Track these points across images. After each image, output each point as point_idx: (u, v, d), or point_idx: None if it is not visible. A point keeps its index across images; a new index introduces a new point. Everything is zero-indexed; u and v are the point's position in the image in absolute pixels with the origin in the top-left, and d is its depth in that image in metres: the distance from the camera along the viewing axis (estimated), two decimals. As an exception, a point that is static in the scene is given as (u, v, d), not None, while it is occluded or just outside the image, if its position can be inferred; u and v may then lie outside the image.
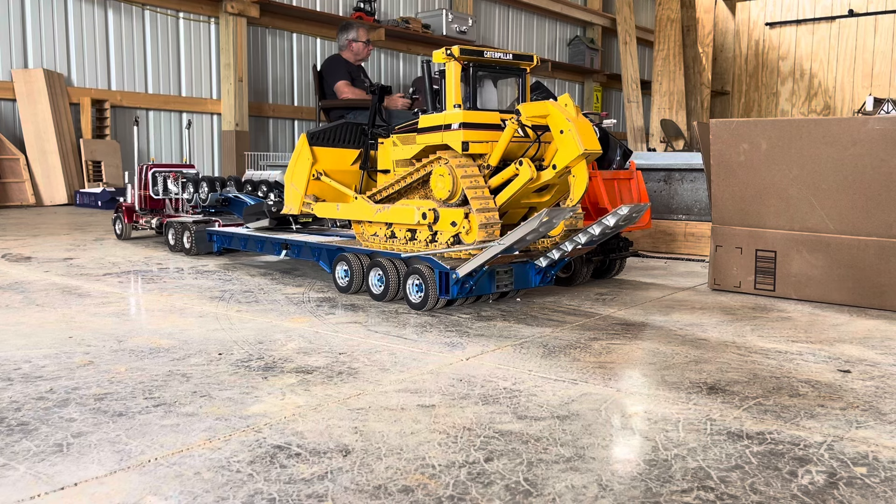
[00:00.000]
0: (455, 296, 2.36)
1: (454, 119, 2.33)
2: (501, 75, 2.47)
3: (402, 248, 2.55)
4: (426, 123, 2.44)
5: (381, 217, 2.59)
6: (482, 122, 2.35)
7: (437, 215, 2.40)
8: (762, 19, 12.79)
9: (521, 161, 2.27)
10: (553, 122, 2.24)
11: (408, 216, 2.48)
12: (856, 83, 12.02)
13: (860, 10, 11.92)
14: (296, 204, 2.85)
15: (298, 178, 2.84)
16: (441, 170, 2.36)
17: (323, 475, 1.16)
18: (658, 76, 10.11)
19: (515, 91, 2.51)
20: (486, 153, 2.36)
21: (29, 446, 1.25)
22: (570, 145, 2.20)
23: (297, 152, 2.83)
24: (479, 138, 2.33)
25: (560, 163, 2.25)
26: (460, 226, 2.33)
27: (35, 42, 6.74)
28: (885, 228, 2.59)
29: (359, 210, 2.68)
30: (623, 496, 1.11)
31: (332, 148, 2.84)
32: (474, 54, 2.35)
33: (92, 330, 2.07)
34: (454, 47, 2.32)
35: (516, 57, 2.43)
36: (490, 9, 11.40)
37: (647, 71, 13.27)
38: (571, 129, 2.19)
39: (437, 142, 2.39)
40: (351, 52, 7.13)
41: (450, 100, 2.36)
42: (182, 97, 7.74)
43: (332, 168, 2.84)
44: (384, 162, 2.70)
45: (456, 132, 2.31)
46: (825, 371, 1.83)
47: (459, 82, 2.35)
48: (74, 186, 6.76)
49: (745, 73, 13.00)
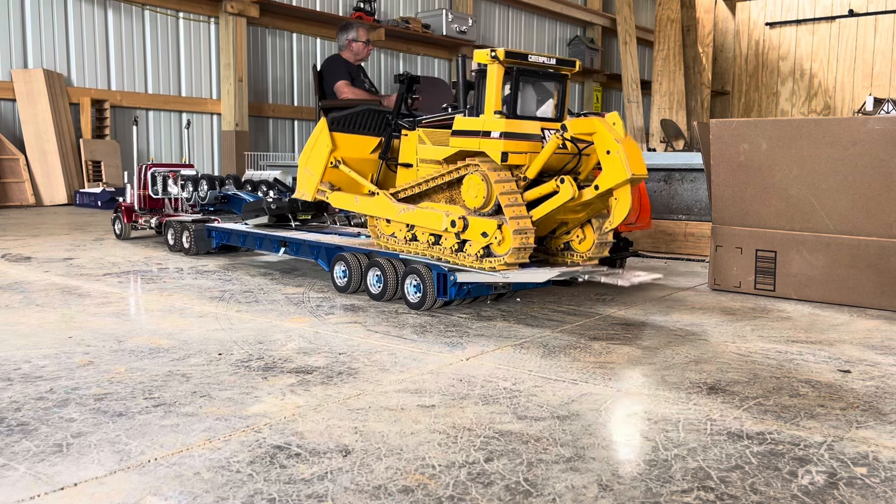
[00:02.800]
0: (453, 297, 2.36)
1: (494, 127, 2.21)
2: (542, 81, 2.33)
3: (425, 253, 2.44)
4: (462, 126, 2.31)
5: (405, 218, 2.48)
6: (523, 133, 2.23)
7: (466, 224, 2.28)
8: (762, 19, 12.79)
9: (562, 178, 2.15)
10: (600, 141, 2.13)
11: (434, 221, 2.37)
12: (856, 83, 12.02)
13: (860, 10, 11.92)
14: (310, 190, 2.73)
15: (315, 163, 2.70)
16: (475, 178, 2.24)
17: (323, 475, 1.16)
18: (658, 76, 10.11)
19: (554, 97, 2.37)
20: (524, 164, 2.24)
21: (29, 446, 1.25)
22: (617, 168, 2.09)
23: (315, 136, 2.69)
24: (518, 149, 2.22)
25: (604, 184, 2.13)
26: (492, 237, 2.21)
27: (35, 42, 6.74)
28: (885, 228, 2.59)
29: (380, 206, 2.56)
30: (623, 496, 1.11)
31: (352, 134, 2.71)
32: (518, 58, 2.22)
33: (92, 330, 2.07)
34: (499, 49, 2.20)
35: (559, 62, 2.31)
36: (490, 9, 11.40)
37: (647, 71, 13.27)
38: (620, 150, 2.08)
39: (473, 147, 2.26)
40: (351, 52, 7.12)
41: (489, 104, 2.23)
42: (182, 97, 7.74)
43: (351, 155, 2.70)
44: (407, 155, 2.57)
45: (495, 141, 2.19)
46: (825, 371, 1.83)
47: (501, 86, 2.23)
48: (74, 186, 6.76)
49: (745, 73, 13.00)
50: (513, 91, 2.23)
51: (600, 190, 2.14)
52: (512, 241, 2.15)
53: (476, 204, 2.25)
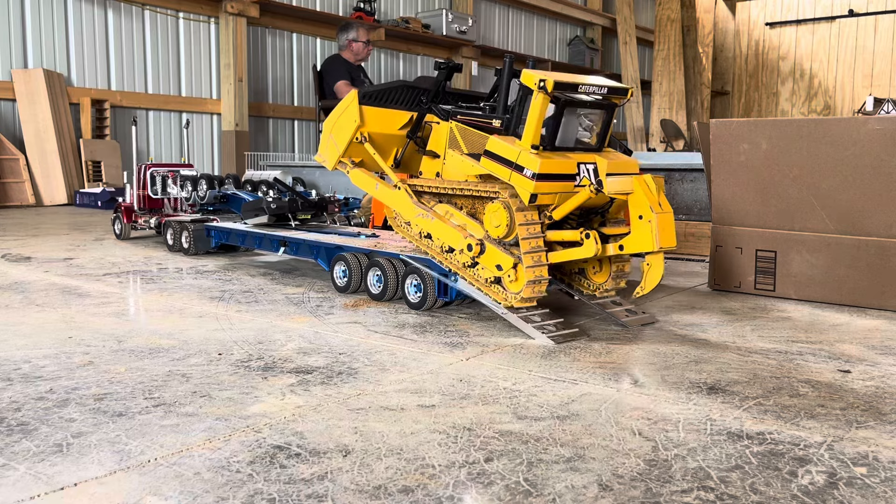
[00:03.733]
0: (454, 297, 2.36)
1: (529, 164, 2.05)
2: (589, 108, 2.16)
3: (436, 256, 2.36)
4: (495, 149, 2.15)
5: (422, 224, 2.38)
6: (557, 173, 2.08)
7: (483, 250, 2.18)
8: (762, 19, 12.80)
9: (587, 234, 2.06)
10: (635, 203, 2.04)
11: (452, 238, 2.27)
12: (856, 83, 12.02)
13: (860, 10, 11.92)
14: (331, 160, 2.63)
15: (340, 134, 2.58)
16: (499, 206, 2.12)
17: (323, 475, 1.16)
18: (658, 76, 10.11)
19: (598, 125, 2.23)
20: (550, 203, 2.12)
21: (29, 446, 1.25)
22: (645, 238, 2.02)
23: (343, 106, 2.55)
24: (549, 190, 2.08)
25: (630, 248, 2.06)
26: (505, 273, 2.13)
27: (35, 42, 6.74)
28: (885, 228, 2.59)
29: (399, 202, 2.46)
30: (623, 496, 1.11)
31: (382, 108, 2.57)
32: (568, 88, 2.05)
33: (92, 330, 2.07)
34: (549, 79, 2.01)
35: (611, 91, 2.15)
36: (490, 9, 11.40)
37: (647, 71, 13.27)
38: (653, 220, 2.00)
39: (502, 177, 2.12)
40: (351, 52, 7.13)
41: (528, 135, 2.07)
42: (182, 97, 7.74)
43: (378, 130, 2.56)
44: (436, 145, 2.43)
45: (527, 181, 2.05)
46: (825, 371, 1.83)
47: (543, 118, 2.07)
48: (74, 186, 6.76)
49: (745, 73, 13.01)
50: (555, 120, 2.09)
51: (625, 252, 2.08)
52: (525, 278, 2.07)
53: (498, 233, 2.14)
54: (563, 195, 2.12)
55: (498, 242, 2.17)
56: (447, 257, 2.32)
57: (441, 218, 2.33)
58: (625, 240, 2.08)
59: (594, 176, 2.11)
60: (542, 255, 2.08)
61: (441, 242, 2.32)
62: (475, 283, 2.23)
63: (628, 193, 2.04)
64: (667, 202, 2.06)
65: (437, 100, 2.53)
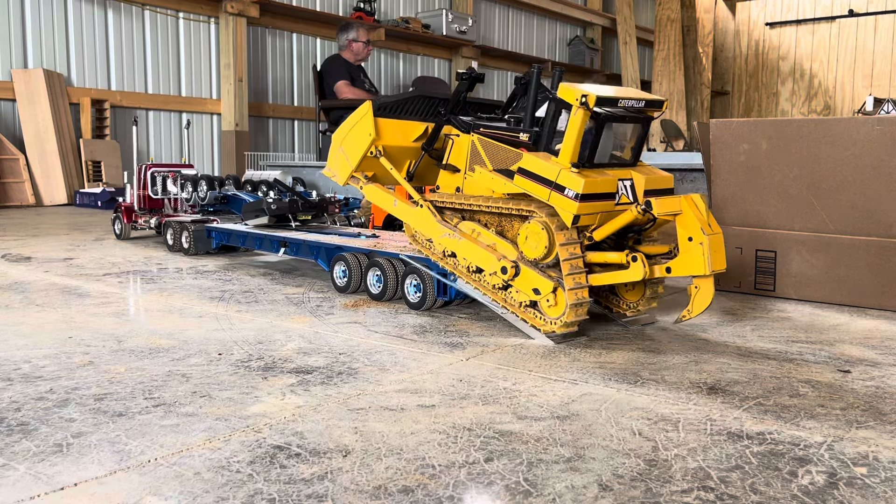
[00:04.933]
0: (453, 297, 2.36)
1: (571, 184, 1.94)
2: (625, 123, 2.09)
3: (462, 276, 2.24)
4: (531, 167, 2.03)
5: (448, 244, 2.25)
6: (600, 193, 1.98)
7: (517, 272, 2.07)
8: (762, 19, 12.80)
9: (634, 256, 1.96)
10: (683, 225, 1.94)
11: (484, 260, 2.14)
12: (856, 83, 12.03)
13: (860, 10, 11.92)
14: (342, 175, 2.47)
15: (352, 147, 2.42)
16: (536, 227, 2.01)
17: (323, 475, 1.16)
18: (658, 76, 10.11)
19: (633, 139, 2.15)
20: (590, 224, 2.01)
21: (29, 446, 1.25)
22: (696, 261, 1.92)
23: (356, 117, 2.42)
24: (592, 210, 1.97)
25: (678, 271, 1.96)
26: (544, 297, 2.01)
27: (35, 42, 6.74)
28: (885, 228, 2.59)
29: (422, 221, 2.32)
30: (623, 496, 1.11)
31: (396, 119, 2.45)
32: (609, 103, 1.97)
33: (92, 330, 2.07)
34: (591, 95, 1.90)
35: (648, 104, 2.06)
36: (490, 9, 11.40)
37: (647, 71, 13.27)
38: (704, 243, 1.90)
39: (540, 196, 2.00)
40: (351, 52, 7.13)
41: (566, 152, 1.97)
42: (182, 97, 7.74)
43: (392, 143, 2.43)
44: (457, 158, 2.30)
45: (569, 202, 1.94)
46: (825, 371, 1.83)
47: (582, 134, 1.98)
48: (74, 186, 6.76)
49: (745, 73, 13.01)
50: (594, 136, 1.99)
51: (672, 274, 1.98)
52: (566, 301, 1.96)
53: (535, 255, 2.03)
54: (604, 215, 2.02)
55: (534, 264, 2.06)
56: (475, 278, 2.21)
57: (469, 237, 2.21)
58: (673, 262, 1.97)
59: (631, 193, 2.05)
60: (583, 277, 1.97)
61: (468, 263, 2.21)
62: (509, 307, 2.12)
63: (677, 214, 1.95)
64: (716, 222, 1.98)
65: (457, 111, 2.41)
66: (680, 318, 2.08)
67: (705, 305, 2.00)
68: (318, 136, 7.18)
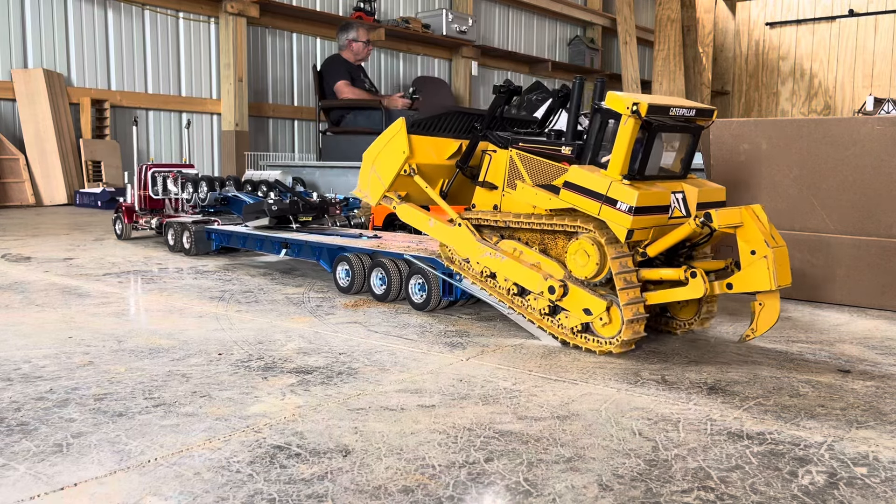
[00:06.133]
0: (459, 297, 2.35)
1: (623, 197, 1.84)
2: (675, 132, 2.01)
3: (503, 298, 2.15)
4: (578, 180, 1.93)
5: (489, 263, 2.16)
6: (654, 206, 1.89)
7: (566, 292, 1.97)
8: (762, 19, 12.80)
9: (693, 272, 1.86)
10: (745, 237, 1.85)
11: (529, 280, 2.06)
12: (856, 83, 12.02)
13: (860, 10, 11.92)
14: (375, 195, 2.39)
15: (385, 166, 2.34)
16: (586, 244, 1.92)
17: (323, 475, 1.16)
18: (658, 76, 10.11)
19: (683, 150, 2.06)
20: (643, 239, 1.92)
21: (29, 446, 1.25)
22: (761, 275, 1.82)
23: (388, 135, 2.35)
24: (645, 224, 1.88)
25: (741, 287, 1.86)
26: (596, 317, 1.92)
27: (35, 42, 6.74)
28: (885, 228, 2.59)
29: (460, 240, 2.24)
30: (623, 496, 1.11)
31: (430, 136, 2.38)
32: (660, 111, 1.88)
33: (92, 330, 2.07)
34: (642, 102, 1.83)
35: (699, 113, 1.98)
36: (490, 9, 11.39)
37: (647, 71, 13.27)
38: (769, 256, 1.81)
39: (590, 211, 1.92)
40: (351, 52, 7.13)
41: (616, 164, 1.88)
42: (182, 97, 7.74)
43: (425, 161, 2.35)
44: (494, 175, 2.21)
45: (622, 215, 1.84)
46: (825, 371, 1.83)
47: (633, 145, 1.89)
48: (74, 186, 6.76)
49: (745, 73, 13.01)
50: (644, 148, 1.90)
51: (733, 291, 1.88)
52: (622, 320, 1.87)
53: (585, 273, 1.93)
54: (658, 230, 1.93)
55: (583, 283, 1.96)
56: (518, 302, 2.11)
57: (511, 256, 2.12)
58: (734, 277, 1.87)
59: (684, 206, 1.97)
60: (638, 292, 1.88)
61: (509, 285, 2.12)
62: (558, 334, 2.02)
63: (737, 226, 1.85)
64: (778, 234, 1.90)
65: (493, 126, 2.34)
66: (743, 338, 1.96)
67: (771, 323, 1.90)
68: (318, 136, 7.18)
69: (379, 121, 6.52)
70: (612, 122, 1.92)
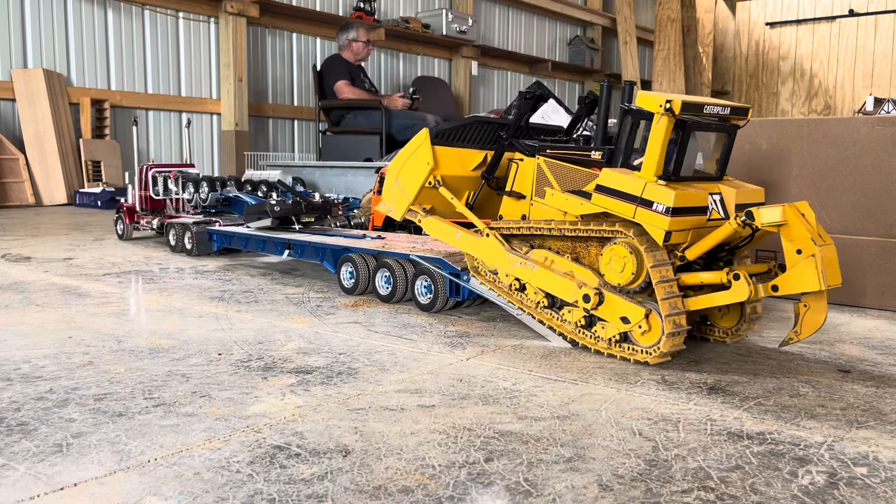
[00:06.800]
0: (466, 297, 2.35)
1: (660, 197, 1.78)
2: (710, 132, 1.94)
3: (533, 311, 2.09)
4: (611, 183, 1.87)
5: (519, 273, 2.09)
6: (692, 206, 1.82)
7: (602, 299, 1.90)
8: (762, 19, 12.79)
9: (736, 274, 1.78)
10: (790, 236, 1.75)
11: (562, 289, 1.98)
12: (856, 83, 12.02)
13: (860, 10, 11.92)
14: (399, 209, 2.35)
15: (409, 179, 2.31)
16: (621, 250, 1.85)
17: (323, 475, 1.16)
18: (658, 76, 10.10)
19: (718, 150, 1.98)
20: (682, 242, 1.85)
21: (28, 446, 1.25)
22: (809, 276, 1.74)
23: (412, 147, 2.31)
24: (683, 226, 1.81)
25: (787, 288, 1.78)
26: (635, 325, 1.84)
27: (35, 42, 6.74)
28: (886, 228, 2.59)
29: (488, 251, 2.17)
30: (623, 496, 1.11)
31: (454, 148, 2.34)
32: (694, 109, 1.81)
33: (92, 330, 2.07)
34: (675, 100, 1.77)
35: (733, 111, 1.91)
36: (490, 9, 11.39)
37: (647, 71, 13.27)
38: (817, 255, 1.72)
39: (624, 214, 1.85)
40: (351, 52, 7.13)
41: (650, 164, 1.82)
42: (182, 97, 7.74)
43: (450, 173, 2.32)
44: (522, 184, 2.16)
45: (659, 217, 1.77)
46: (825, 371, 1.83)
47: (667, 144, 1.82)
48: (74, 186, 6.76)
49: (745, 73, 13.00)
50: (679, 148, 1.83)
51: (779, 293, 1.80)
52: (662, 329, 1.80)
53: (621, 279, 1.86)
54: (696, 232, 1.85)
55: (619, 290, 1.90)
56: (549, 315, 2.06)
57: (543, 265, 2.05)
58: (780, 279, 1.79)
59: (722, 208, 1.90)
60: (680, 302, 1.82)
61: (539, 297, 2.06)
62: (593, 346, 1.95)
63: (781, 225, 1.76)
64: (825, 233, 1.81)
65: (519, 135, 2.28)
66: (786, 341, 1.88)
67: (817, 327, 1.81)
68: (318, 135, 7.18)
69: (379, 121, 6.51)
70: (644, 121, 1.86)
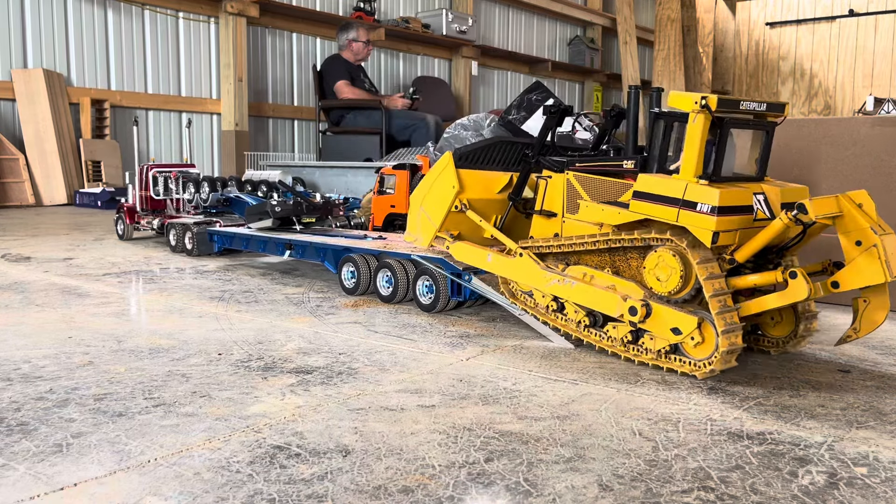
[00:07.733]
0: (468, 297, 2.34)
1: (703, 198, 1.69)
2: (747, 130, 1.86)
3: (576, 332, 1.99)
4: (649, 188, 1.79)
5: (558, 291, 1.99)
6: (738, 205, 1.72)
7: (649, 311, 1.78)
8: (762, 19, 12.79)
9: (793, 272, 1.67)
10: (846, 228, 1.66)
11: (605, 304, 1.86)
12: (856, 83, 12.02)
13: (860, 10, 11.92)
14: (426, 236, 2.29)
15: (434, 205, 2.24)
16: (667, 255, 1.75)
17: (323, 475, 1.16)
18: (658, 76, 10.10)
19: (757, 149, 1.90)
20: (730, 244, 1.74)
21: (28, 446, 1.25)
22: (871, 268, 1.62)
23: (435, 172, 2.25)
24: (730, 226, 1.71)
25: (848, 283, 1.67)
26: (686, 336, 1.72)
27: (35, 42, 6.74)
28: (886, 228, 2.59)
29: (523, 271, 2.07)
30: (623, 496, 1.11)
31: (479, 171, 2.28)
32: (729, 105, 1.73)
33: (91, 330, 2.07)
34: (711, 97, 1.69)
35: (770, 107, 1.84)
36: (490, 9, 11.39)
37: (647, 71, 13.27)
38: (878, 244, 1.61)
39: (666, 218, 1.75)
40: (351, 52, 7.13)
41: (689, 165, 1.73)
42: (182, 97, 7.74)
43: (476, 196, 2.25)
44: (552, 202, 2.08)
45: (705, 217, 1.68)
46: (825, 371, 1.83)
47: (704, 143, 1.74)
48: (74, 186, 6.76)
49: (745, 73, 13.00)
50: (717, 146, 1.75)
51: (841, 289, 1.69)
52: (718, 344, 1.67)
53: (666, 288, 1.76)
54: (743, 233, 1.75)
55: (666, 300, 1.79)
56: (588, 334, 1.96)
57: (582, 281, 1.95)
58: (840, 274, 1.68)
59: (767, 207, 1.79)
60: (736, 316, 1.70)
61: (580, 316, 1.96)
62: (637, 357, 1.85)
63: (836, 216, 1.66)
64: (884, 222, 1.69)
65: (545, 152, 2.19)
66: (844, 339, 1.79)
67: (878, 323, 1.71)
68: (317, 136, 7.18)
69: (379, 121, 6.51)
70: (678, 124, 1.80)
